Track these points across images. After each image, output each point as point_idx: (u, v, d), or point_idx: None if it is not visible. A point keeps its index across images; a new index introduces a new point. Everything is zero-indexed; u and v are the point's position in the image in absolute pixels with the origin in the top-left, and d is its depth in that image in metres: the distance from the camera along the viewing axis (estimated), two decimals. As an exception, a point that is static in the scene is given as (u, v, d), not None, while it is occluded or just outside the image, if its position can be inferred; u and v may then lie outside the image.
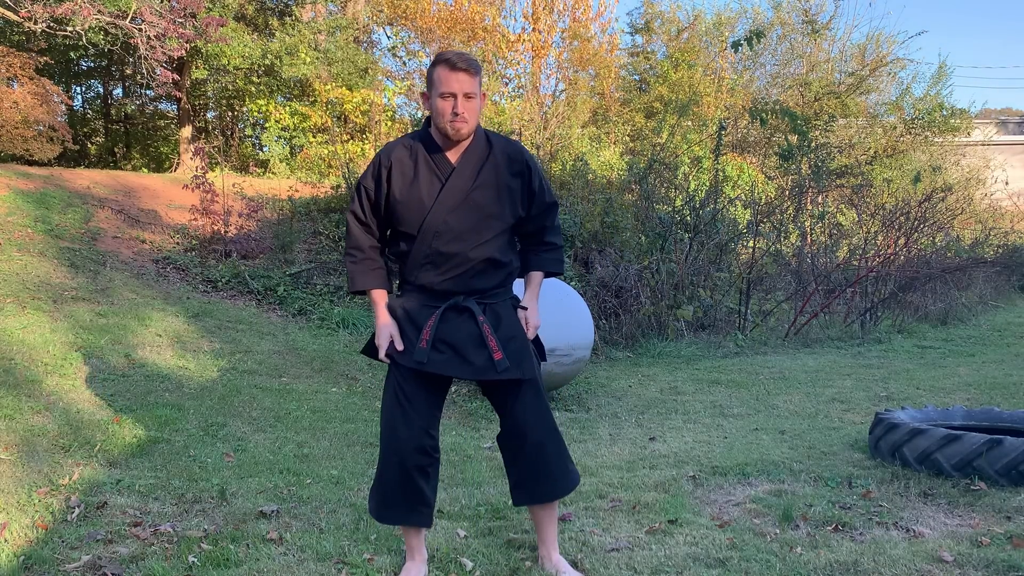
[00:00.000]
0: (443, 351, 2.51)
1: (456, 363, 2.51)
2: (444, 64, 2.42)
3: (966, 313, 11.69)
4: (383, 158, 2.55)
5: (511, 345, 2.55)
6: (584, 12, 18.49)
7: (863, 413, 5.35)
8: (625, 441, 4.74)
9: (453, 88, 2.41)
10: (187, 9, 10.94)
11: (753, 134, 17.37)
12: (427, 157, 2.52)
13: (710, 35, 20.84)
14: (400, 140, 2.60)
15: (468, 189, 2.50)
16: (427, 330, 2.50)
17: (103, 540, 2.81)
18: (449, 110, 2.42)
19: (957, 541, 2.87)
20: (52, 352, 5.18)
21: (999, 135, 25.81)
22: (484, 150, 2.54)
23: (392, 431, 2.53)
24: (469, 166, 2.51)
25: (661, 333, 8.86)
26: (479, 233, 2.51)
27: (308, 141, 15.04)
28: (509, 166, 2.56)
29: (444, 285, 2.53)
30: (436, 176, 2.51)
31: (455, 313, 2.53)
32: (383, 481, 2.57)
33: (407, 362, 2.52)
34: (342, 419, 5.02)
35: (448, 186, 2.49)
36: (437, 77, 2.44)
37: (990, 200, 19.36)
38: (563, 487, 2.64)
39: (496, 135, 2.63)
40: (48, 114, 12.52)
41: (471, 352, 2.50)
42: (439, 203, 2.48)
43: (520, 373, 2.53)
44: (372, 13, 17.53)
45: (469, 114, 2.44)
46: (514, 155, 2.59)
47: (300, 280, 8.63)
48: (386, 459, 2.55)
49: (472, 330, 2.51)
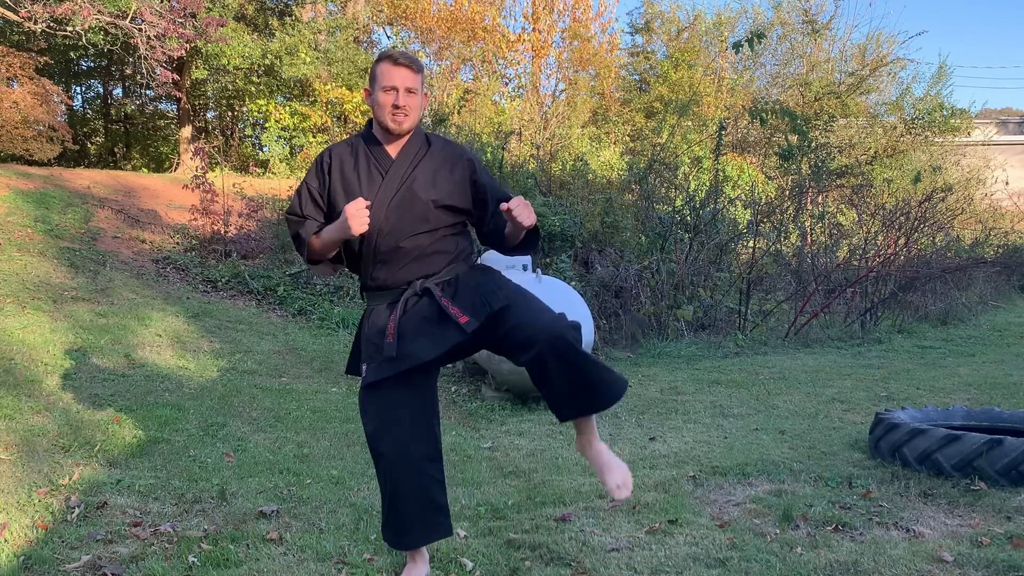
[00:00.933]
0: (411, 339, 2.43)
1: (426, 343, 2.43)
2: (387, 59, 2.47)
3: (966, 313, 11.69)
4: (325, 156, 2.56)
5: (476, 294, 2.46)
6: (584, 12, 18.51)
7: (863, 413, 5.35)
8: (625, 441, 4.73)
9: (395, 82, 2.44)
10: (187, 9, 10.95)
11: (753, 134, 17.37)
12: (368, 153, 2.53)
13: (710, 35, 20.84)
14: (343, 140, 2.62)
15: (406, 181, 2.50)
16: (391, 323, 2.45)
17: (103, 540, 2.81)
18: (390, 103, 2.45)
19: (957, 541, 2.87)
20: (52, 352, 5.18)
21: (999, 135, 25.80)
22: (423, 146, 2.56)
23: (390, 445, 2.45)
24: (407, 160, 2.53)
25: (661, 333, 8.86)
26: (423, 225, 2.49)
27: (308, 141, 15.04)
28: (448, 161, 2.56)
29: (399, 275, 2.51)
30: (377, 170, 2.52)
31: (416, 298, 2.50)
32: (395, 508, 2.49)
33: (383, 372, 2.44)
34: (342, 419, 5.02)
35: (388, 178, 2.50)
36: (380, 72, 2.47)
37: (990, 200, 19.35)
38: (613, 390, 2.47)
39: (436, 136, 2.64)
40: (48, 114, 12.53)
41: (439, 327, 2.44)
42: (380, 197, 2.48)
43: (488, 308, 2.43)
44: (372, 13, 17.54)
45: (410, 108, 2.46)
46: (453, 152, 2.60)
47: (300, 280, 8.63)
48: (393, 481, 2.47)
49: (435, 308, 2.46)
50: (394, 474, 2.47)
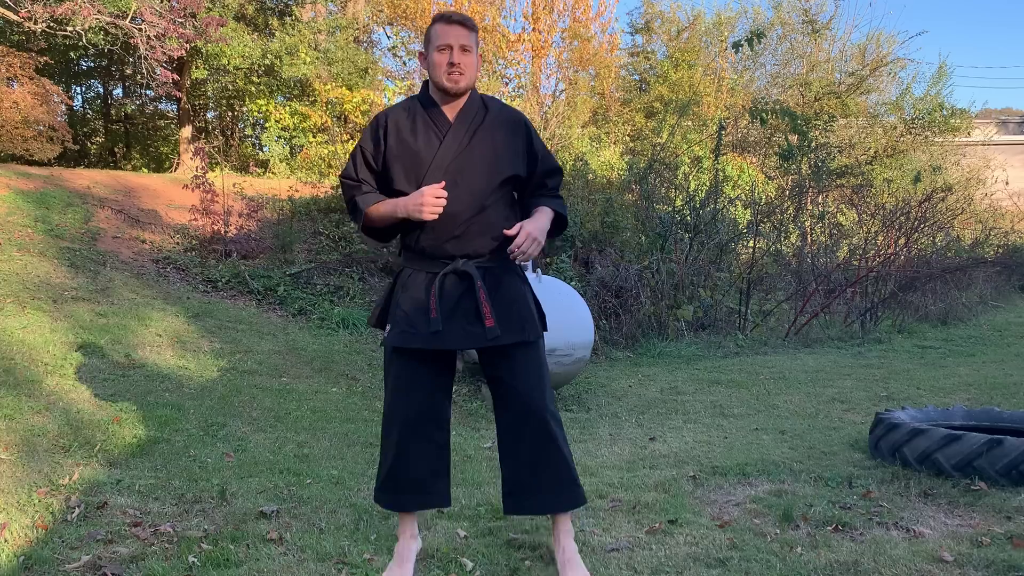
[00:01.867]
0: (447, 323, 2.45)
1: (457, 334, 2.46)
2: (441, 20, 2.46)
3: (966, 313, 11.69)
4: (381, 119, 2.55)
5: (513, 308, 2.50)
6: (584, 12, 18.49)
7: (863, 413, 5.35)
8: (625, 441, 4.73)
9: (449, 40, 2.43)
10: (187, 9, 10.95)
11: (753, 134, 17.37)
12: (425, 115, 2.51)
13: (710, 35, 20.84)
14: (399, 103, 2.60)
15: (466, 145, 2.49)
16: (433, 299, 2.44)
17: (103, 540, 2.81)
18: (445, 62, 2.43)
19: (957, 541, 2.87)
20: (52, 352, 5.18)
21: (999, 135, 25.80)
22: (481, 109, 2.54)
23: (402, 407, 2.48)
24: (465, 124, 2.50)
25: (661, 333, 8.86)
26: (477, 192, 2.48)
27: (308, 141, 15.04)
28: (506, 127, 2.55)
29: (444, 246, 2.49)
30: (434, 133, 2.49)
31: (455, 278, 2.48)
32: (396, 467, 2.50)
33: (414, 342, 2.45)
34: (342, 419, 5.02)
35: (446, 142, 2.48)
36: (434, 32, 2.46)
37: (990, 200, 19.35)
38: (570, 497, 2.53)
39: (492, 98, 2.61)
40: (48, 114, 12.53)
41: (472, 321, 2.45)
42: (437, 160, 2.47)
43: (523, 335, 2.48)
44: (372, 13, 17.54)
45: (466, 66, 2.44)
46: (512, 116, 2.58)
47: (300, 280, 8.63)
48: (399, 440, 2.48)
49: (471, 298, 2.46)
50: (405, 433, 2.48)
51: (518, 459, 2.51)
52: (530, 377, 2.49)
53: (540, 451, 2.48)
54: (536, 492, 2.50)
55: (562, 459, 2.51)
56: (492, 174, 2.50)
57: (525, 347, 2.51)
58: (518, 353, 2.49)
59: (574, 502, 2.56)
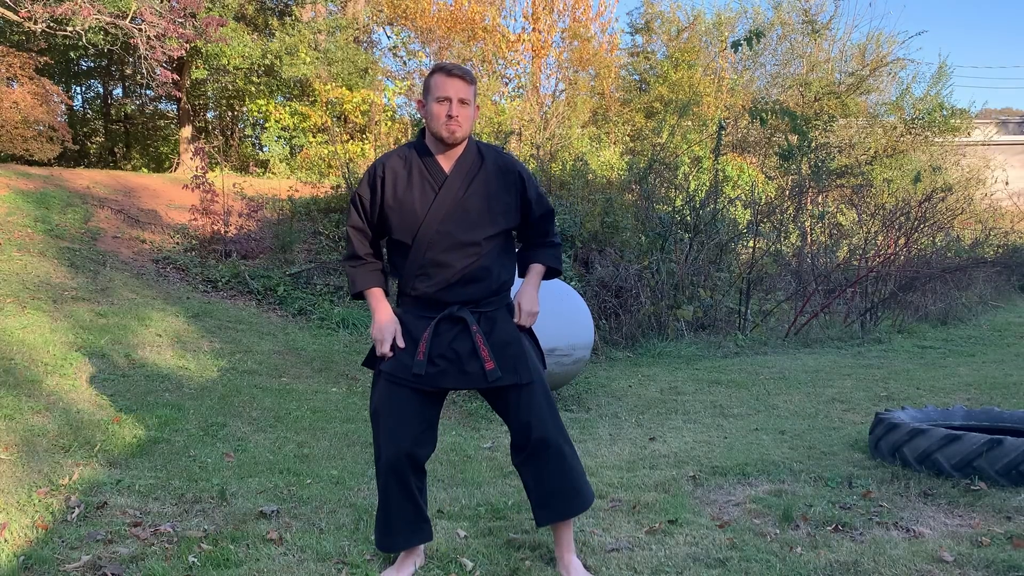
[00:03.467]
0: (438, 363, 2.54)
1: (452, 374, 2.55)
2: (441, 71, 2.52)
3: (966, 313, 11.69)
4: (378, 168, 2.61)
5: (507, 351, 2.57)
6: (584, 12, 18.49)
7: (863, 413, 5.35)
8: (625, 441, 4.73)
9: (448, 92, 2.49)
10: (187, 9, 10.95)
11: (753, 134, 17.38)
12: (421, 165, 2.57)
13: (710, 35, 20.84)
14: (395, 150, 2.66)
15: (461, 197, 2.55)
16: (423, 343, 2.53)
17: (103, 540, 2.81)
18: (444, 113, 2.49)
19: (957, 541, 2.87)
20: (52, 352, 5.18)
21: (999, 135, 25.81)
22: (476, 160, 2.60)
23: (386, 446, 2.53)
24: (461, 175, 2.57)
25: (661, 333, 8.86)
26: (472, 242, 2.55)
27: (308, 141, 15.04)
28: (501, 177, 2.61)
29: (439, 295, 2.56)
30: (430, 185, 2.56)
31: (449, 324, 2.56)
32: (387, 507, 2.59)
33: (404, 375, 2.54)
34: (342, 419, 5.02)
35: (441, 194, 2.54)
36: (433, 83, 2.52)
37: (990, 200, 19.35)
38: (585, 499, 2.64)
39: (487, 146, 2.67)
40: (48, 114, 12.53)
41: (467, 362, 2.54)
42: (433, 211, 2.53)
43: (517, 378, 2.55)
44: (372, 13, 17.53)
45: (463, 119, 2.51)
46: (506, 166, 2.64)
47: (300, 280, 8.63)
48: (386, 480, 2.56)
49: (467, 340, 2.54)
50: (388, 474, 2.55)
51: (540, 484, 2.60)
52: (537, 411, 2.56)
53: (558, 475, 2.59)
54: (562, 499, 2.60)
55: (578, 473, 2.63)
56: (486, 226, 2.57)
57: (528, 388, 2.58)
58: (524, 393, 2.57)
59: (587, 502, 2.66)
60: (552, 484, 2.57)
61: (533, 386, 2.58)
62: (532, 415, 2.55)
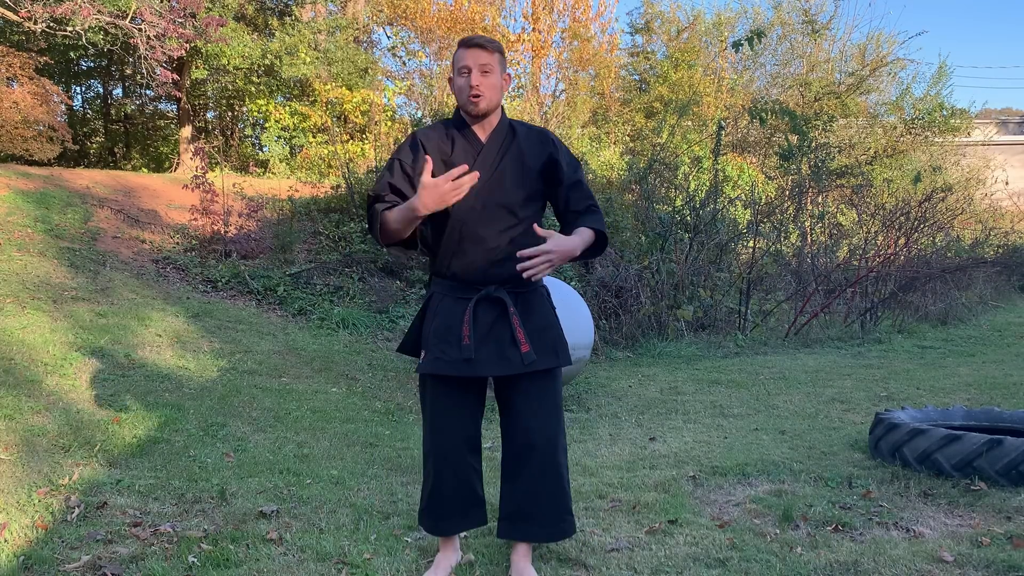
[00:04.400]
0: (481, 350, 2.46)
1: (493, 361, 2.47)
2: (462, 44, 2.48)
3: (966, 313, 11.69)
4: (418, 135, 2.55)
5: (546, 335, 2.53)
6: (584, 12, 18.52)
7: (863, 413, 5.35)
8: (625, 441, 4.73)
9: (468, 62, 2.44)
10: (187, 9, 10.95)
11: (753, 134, 17.38)
12: (456, 135, 2.53)
13: (710, 35, 20.84)
14: (430, 124, 2.64)
15: (497, 165, 2.50)
16: (466, 326, 2.45)
17: (103, 540, 2.81)
18: (466, 84, 2.45)
19: (957, 541, 2.87)
20: (52, 352, 5.18)
21: (999, 135, 25.80)
22: (509, 134, 2.56)
23: (439, 437, 2.51)
24: (496, 143, 2.52)
25: (661, 333, 8.86)
26: (507, 214, 2.49)
27: (308, 141, 15.04)
28: (535, 145, 2.56)
29: (476, 273, 2.49)
30: (468, 153, 2.51)
31: (488, 305, 2.49)
32: (438, 494, 2.56)
33: (443, 369, 2.46)
34: (342, 419, 5.02)
35: (479, 161, 2.49)
36: (456, 57, 2.49)
37: (990, 200, 19.35)
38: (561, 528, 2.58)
39: (521, 123, 2.63)
40: (48, 114, 12.53)
41: (506, 347, 2.47)
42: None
43: (556, 361, 2.52)
44: (372, 13, 17.54)
45: (486, 87, 2.44)
46: (539, 134, 2.60)
47: (300, 280, 8.63)
48: (437, 469, 2.53)
49: (506, 324, 2.48)
50: (441, 462, 2.52)
51: (521, 487, 2.55)
52: (545, 408, 2.53)
53: (544, 482, 2.53)
54: (532, 522, 2.55)
55: (562, 492, 2.57)
56: (521, 194, 2.51)
57: (545, 377, 2.54)
58: (538, 382, 2.52)
59: (564, 533, 2.61)
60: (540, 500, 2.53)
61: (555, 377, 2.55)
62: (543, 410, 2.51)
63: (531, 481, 2.52)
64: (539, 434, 2.51)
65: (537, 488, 2.53)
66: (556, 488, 2.55)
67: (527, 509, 2.54)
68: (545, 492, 2.53)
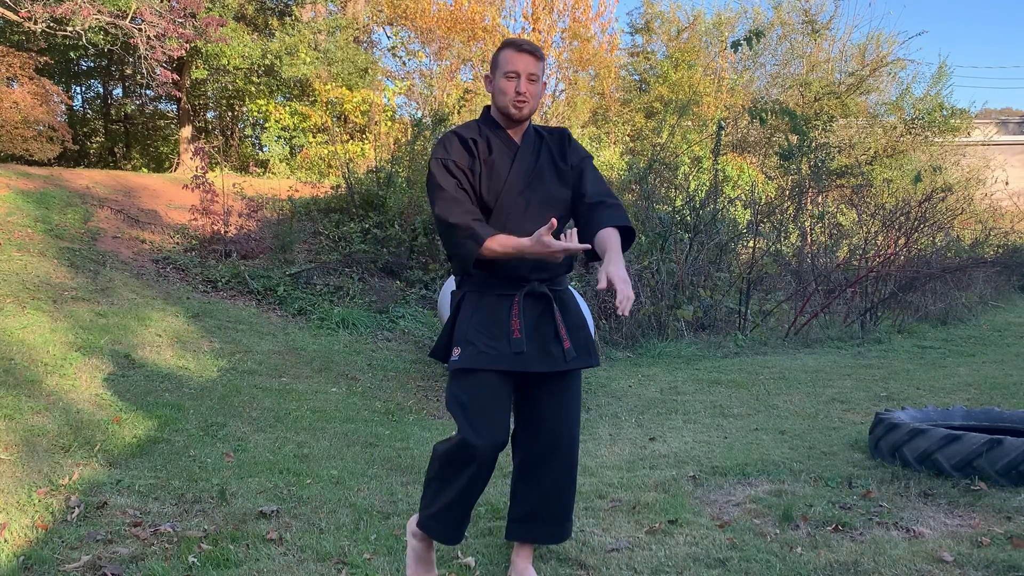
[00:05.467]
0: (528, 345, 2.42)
1: (538, 357, 2.43)
2: (511, 47, 2.45)
3: (966, 313, 11.68)
4: (460, 133, 2.50)
5: (580, 333, 2.52)
6: (584, 12, 18.52)
7: (863, 413, 5.34)
8: (625, 441, 4.73)
9: (518, 68, 2.42)
10: (187, 9, 10.95)
11: (753, 134, 17.37)
12: (492, 135, 2.51)
13: (710, 35, 20.84)
14: (461, 125, 2.58)
15: (533, 166, 2.51)
16: (515, 320, 2.41)
17: (103, 540, 2.81)
18: (512, 89, 2.43)
19: (957, 541, 2.87)
20: (52, 352, 5.18)
21: (999, 135, 25.79)
22: (538, 135, 2.57)
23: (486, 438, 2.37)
24: (530, 146, 2.53)
25: (661, 333, 8.86)
26: (546, 211, 2.47)
27: (308, 141, 15.04)
28: (560, 146, 2.58)
29: (520, 269, 2.46)
30: (506, 154, 2.50)
31: (532, 301, 2.47)
32: (463, 500, 2.44)
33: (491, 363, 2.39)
34: (342, 419, 5.02)
35: (518, 161, 2.49)
36: (503, 58, 2.46)
37: (990, 200, 19.34)
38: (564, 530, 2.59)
39: (540, 126, 2.64)
40: (48, 114, 12.53)
41: (551, 344, 2.45)
42: (513, 174, 2.47)
43: (591, 360, 2.52)
44: (372, 13, 17.54)
45: (531, 95, 2.45)
46: (559, 135, 2.61)
47: (300, 280, 8.63)
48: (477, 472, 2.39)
49: (550, 321, 2.47)
50: (482, 463, 2.38)
51: (538, 488, 2.52)
52: (569, 409, 2.51)
53: (561, 484, 2.53)
54: (543, 523, 2.54)
55: (573, 494, 2.59)
56: (555, 195, 2.51)
57: (575, 377, 2.53)
58: (568, 382, 2.51)
59: (565, 535, 2.61)
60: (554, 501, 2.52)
61: (578, 378, 2.55)
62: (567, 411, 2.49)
63: (551, 482, 2.51)
64: (564, 435, 2.49)
65: (555, 489, 2.52)
66: (571, 490, 2.56)
67: (540, 510, 2.53)
68: (561, 494, 2.53)
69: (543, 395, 2.50)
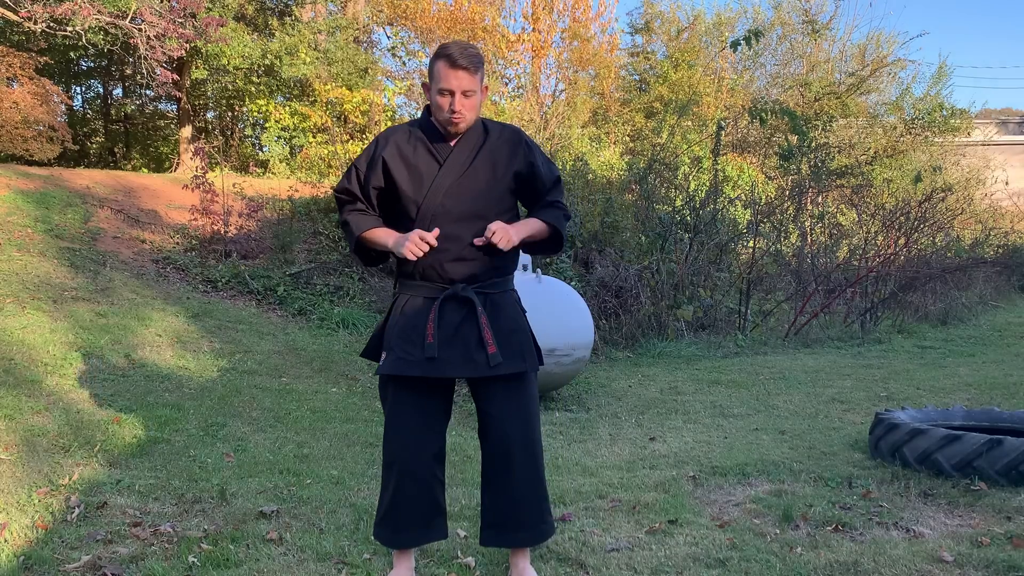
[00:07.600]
0: (445, 351, 2.41)
1: (458, 362, 2.42)
2: (445, 60, 2.39)
3: (966, 313, 11.68)
4: (381, 140, 2.53)
5: (513, 338, 2.48)
6: (584, 12, 18.51)
7: (863, 413, 5.35)
8: (625, 441, 4.73)
9: (452, 85, 2.38)
10: (187, 9, 10.95)
11: (753, 134, 17.37)
12: (426, 141, 2.49)
13: (710, 35, 20.85)
14: (400, 125, 2.58)
15: (464, 170, 2.47)
16: (431, 324, 2.40)
17: (103, 540, 2.81)
18: (447, 106, 2.40)
19: (957, 541, 2.87)
20: (52, 352, 5.18)
21: (999, 135, 25.79)
22: (481, 136, 2.52)
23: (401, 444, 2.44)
24: (466, 149, 2.49)
25: (661, 333, 8.86)
26: (477, 215, 2.45)
27: (308, 141, 15.04)
28: (507, 145, 2.53)
29: (444, 271, 2.45)
30: (434, 158, 2.48)
31: (455, 304, 2.44)
32: (396, 504, 2.47)
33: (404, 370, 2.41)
34: (342, 419, 5.02)
35: (445, 167, 2.46)
36: (437, 72, 2.41)
37: (990, 200, 19.34)
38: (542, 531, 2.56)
39: (493, 122, 2.60)
40: (48, 114, 12.53)
41: (474, 349, 2.42)
42: (436, 184, 2.45)
43: (523, 365, 2.46)
44: (372, 13, 17.53)
45: (467, 111, 2.42)
46: (511, 136, 2.57)
47: (300, 280, 8.63)
48: (398, 478, 2.45)
49: (474, 326, 2.43)
50: (401, 469, 2.45)
51: (503, 492, 2.50)
52: (522, 411, 2.48)
53: (525, 486, 2.50)
54: (517, 528, 2.52)
55: (543, 495, 2.55)
56: (490, 199, 2.49)
57: (519, 379, 2.49)
58: (512, 385, 2.48)
59: (544, 535, 2.58)
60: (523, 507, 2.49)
61: (529, 379, 2.51)
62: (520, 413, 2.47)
63: (511, 488, 2.49)
64: (515, 441, 2.46)
65: (518, 495, 2.49)
66: (536, 494, 2.52)
67: (510, 516, 2.51)
68: (526, 499, 2.50)
69: (490, 402, 2.49)
